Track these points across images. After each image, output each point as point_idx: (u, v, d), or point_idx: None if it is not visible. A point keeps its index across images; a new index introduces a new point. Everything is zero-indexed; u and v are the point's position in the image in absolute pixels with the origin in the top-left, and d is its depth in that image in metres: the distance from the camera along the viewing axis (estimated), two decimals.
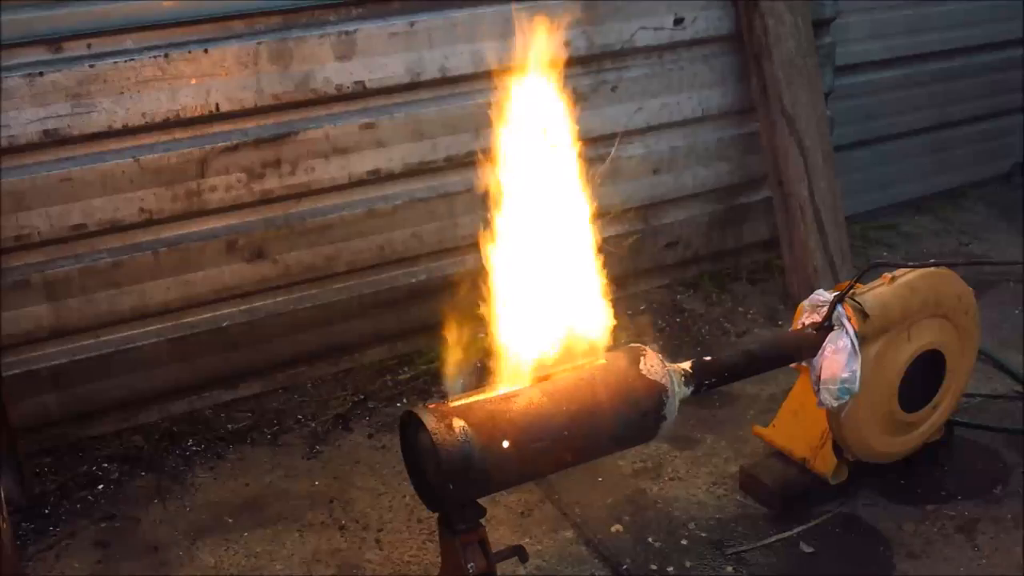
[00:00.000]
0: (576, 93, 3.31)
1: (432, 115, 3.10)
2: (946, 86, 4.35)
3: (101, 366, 2.89)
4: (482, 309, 1.93)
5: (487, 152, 1.94)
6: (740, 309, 3.60)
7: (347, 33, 2.92)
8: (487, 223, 1.93)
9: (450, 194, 3.20)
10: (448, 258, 3.28)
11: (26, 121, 2.61)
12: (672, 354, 2.08)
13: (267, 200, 2.97)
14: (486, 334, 1.92)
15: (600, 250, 1.99)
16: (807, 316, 2.28)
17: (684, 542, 2.37)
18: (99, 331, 2.88)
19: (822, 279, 3.46)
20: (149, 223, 2.84)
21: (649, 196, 3.59)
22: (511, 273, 1.92)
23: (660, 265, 3.73)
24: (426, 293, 3.25)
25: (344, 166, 3.03)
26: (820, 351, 2.20)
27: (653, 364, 1.95)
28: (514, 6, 3.11)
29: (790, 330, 2.34)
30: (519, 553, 1.92)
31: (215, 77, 2.78)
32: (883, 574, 2.25)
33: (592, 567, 2.31)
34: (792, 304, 3.17)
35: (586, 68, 3.32)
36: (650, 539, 2.39)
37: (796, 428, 2.49)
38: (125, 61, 2.68)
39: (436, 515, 1.87)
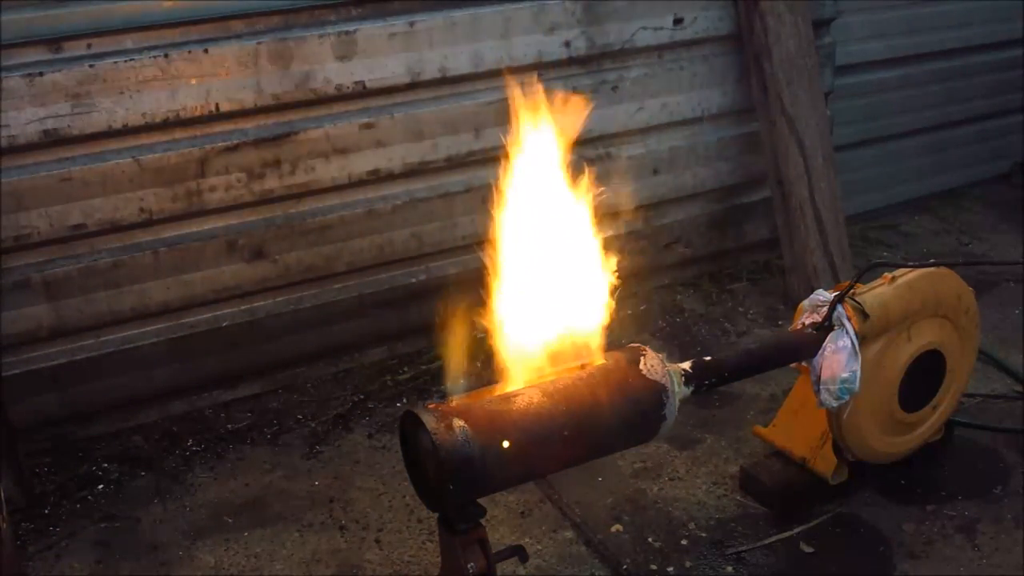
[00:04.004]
0: (576, 93, 3.31)
1: (432, 115, 3.10)
2: (946, 86, 4.35)
3: (101, 366, 2.89)
4: (482, 309, 1.93)
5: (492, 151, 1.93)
6: (740, 309, 3.60)
7: (347, 33, 2.92)
8: (489, 223, 1.93)
9: (450, 194, 3.21)
10: (448, 258, 3.28)
11: (26, 121, 2.61)
12: (672, 354, 2.08)
13: (267, 200, 2.97)
14: (486, 334, 1.92)
15: (599, 250, 1.99)
16: (807, 316, 2.28)
17: (684, 542, 2.37)
18: (99, 331, 2.88)
19: (822, 279, 3.46)
20: (149, 223, 2.84)
21: (649, 196, 3.59)
22: (511, 273, 1.92)
23: (660, 265, 3.73)
24: (426, 293, 3.26)
25: (344, 166, 3.03)
26: (820, 351, 2.20)
27: (653, 364, 1.95)
28: (514, 6, 3.13)
29: (790, 330, 2.34)
30: (519, 553, 1.92)
31: (215, 77, 2.78)
32: (883, 574, 2.25)
33: (592, 567, 2.31)
34: (792, 304, 3.17)
35: (586, 68, 3.33)
36: (650, 539, 2.39)
37: (796, 428, 2.49)
38: (125, 61, 2.68)
39: (436, 515, 1.87)
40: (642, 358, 1.95)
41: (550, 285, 1.93)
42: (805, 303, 2.31)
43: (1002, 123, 4.65)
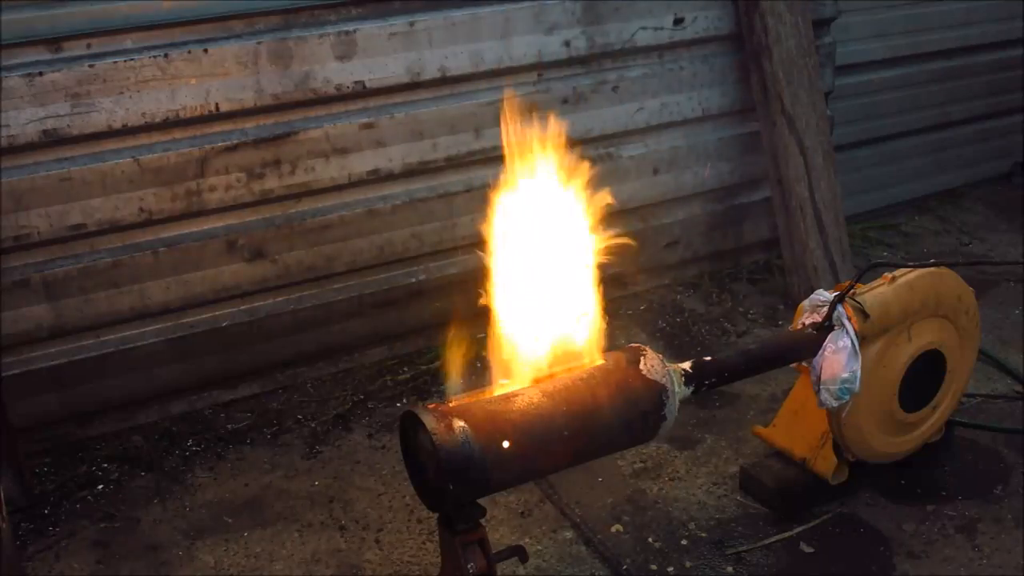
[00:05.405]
0: (576, 93, 3.32)
1: (432, 115, 3.10)
2: (946, 86, 4.35)
3: (101, 366, 2.89)
4: (482, 309, 1.93)
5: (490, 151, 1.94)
6: (740, 309, 3.60)
7: (347, 33, 2.92)
8: (488, 223, 1.93)
9: (450, 194, 3.21)
10: (448, 258, 3.28)
11: (26, 121, 2.61)
12: (672, 354, 2.08)
13: (267, 200, 2.97)
14: (486, 334, 1.92)
15: (599, 251, 1.99)
16: (807, 316, 2.28)
17: (684, 542, 2.37)
18: (99, 331, 2.88)
19: (822, 279, 3.46)
20: (148, 223, 2.84)
21: (649, 196, 3.59)
22: (511, 273, 1.92)
23: (660, 265, 3.73)
24: (426, 293, 3.26)
25: (344, 166, 3.03)
26: (820, 351, 2.20)
27: (653, 364, 1.95)
28: (514, 6, 3.12)
29: (790, 330, 2.34)
30: (519, 553, 1.92)
31: (215, 77, 2.78)
32: (883, 574, 2.25)
33: (592, 567, 2.31)
34: (792, 304, 3.17)
35: (586, 68, 3.32)
36: (650, 539, 2.39)
37: (796, 428, 2.48)
38: (125, 61, 2.68)
39: (436, 515, 1.87)
40: (642, 358, 1.95)
41: (549, 285, 1.93)
42: (805, 303, 2.31)
43: (1002, 123, 4.65)
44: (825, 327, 2.21)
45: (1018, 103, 4.65)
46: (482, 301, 1.90)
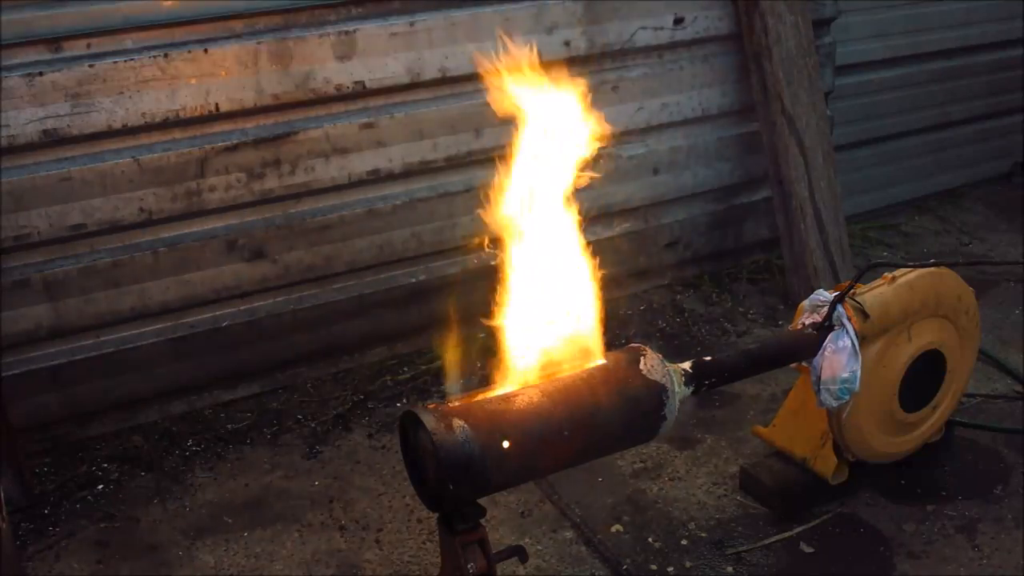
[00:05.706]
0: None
1: (432, 115, 3.10)
2: (946, 86, 4.35)
3: (101, 366, 2.89)
4: (481, 309, 1.93)
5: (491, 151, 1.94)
6: (740, 309, 3.60)
7: (347, 33, 2.92)
8: (488, 223, 1.92)
9: (450, 194, 3.21)
10: (448, 258, 3.28)
11: (26, 121, 2.61)
12: (672, 354, 2.08)
13: (267, 200, 2.97)
14: (486, 334, 1.92)
15: (600, 250, 1.99)
16: (807, 316, 2.28)
17: (684, 542, 2.37)
18: (99, 331, 2.88)
19: (822, 279, 3.46)
20: (149, 223, 2.84)
21: (649, 196, 3.59)
22: (511, 273, 1.92)
23: (660, 265, 3.73)
24: (426, 293, 3.26)
25: (344, 166, 3.03)
26: (820, 351, 2.20)
27: (653, 364, 1.95)
28: (514, 6, 3.12)
29: (790, 330, 2.34)
30: (519, 553, 1.92)
31: (215, 77, 2.78)
32: (883, 574, 2.25)
33: (592, 567, 2.31)
34: (792, 304, 3.17)
35: (586, 68, 3.32)
36: (650, 539, 2.39)
37: (796, 428, 2.49)
38: (125, 61, 2.68)
39: (436, 515, 1.87)
40: (642, 358, 1.95)
41: (549, 285, 1.93)
42: (805, 303, 2.31)
43: (1002, 123, 4.65)
44: (825, 327, 2.21)
45: (1018, 103, 4.65)
46: (485, 298, 1.90)
